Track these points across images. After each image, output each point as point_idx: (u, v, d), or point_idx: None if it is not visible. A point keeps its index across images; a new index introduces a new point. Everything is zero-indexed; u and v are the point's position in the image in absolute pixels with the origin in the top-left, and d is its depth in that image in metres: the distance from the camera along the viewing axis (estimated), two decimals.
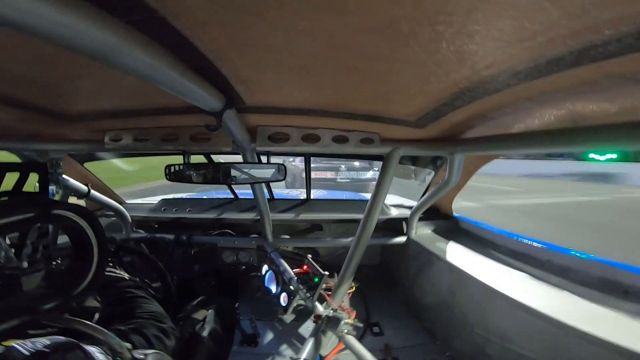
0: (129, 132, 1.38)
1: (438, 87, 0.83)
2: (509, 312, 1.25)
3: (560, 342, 1.04)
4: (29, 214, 0.97)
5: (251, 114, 1.13)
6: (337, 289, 1.69)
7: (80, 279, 1.21)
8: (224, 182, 1.52)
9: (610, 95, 0.71)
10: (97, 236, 1.23)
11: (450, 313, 1.67)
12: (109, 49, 0.44)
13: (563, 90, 0.74)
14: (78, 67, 0.73)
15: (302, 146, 1.34)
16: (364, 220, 1.59)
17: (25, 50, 0.62)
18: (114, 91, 0.94)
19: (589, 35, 0.50)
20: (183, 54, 0.61)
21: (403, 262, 2.36)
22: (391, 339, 1.93)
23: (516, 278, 1.43)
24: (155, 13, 0.48)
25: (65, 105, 1.08)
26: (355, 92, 0.92)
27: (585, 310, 1.11)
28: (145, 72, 0.54)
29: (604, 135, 0.80)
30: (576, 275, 1.39)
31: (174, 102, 1.03)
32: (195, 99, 0.75)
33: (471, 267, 1.55)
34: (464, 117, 1.10)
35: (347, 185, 8.66)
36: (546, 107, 0.86)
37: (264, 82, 0.85)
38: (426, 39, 0.56)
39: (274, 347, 1.86)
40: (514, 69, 0.66)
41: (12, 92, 0.89)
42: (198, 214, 2.45)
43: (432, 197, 1.93)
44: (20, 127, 1.30)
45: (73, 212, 1.14)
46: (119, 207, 2.22)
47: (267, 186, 2.64)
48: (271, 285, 2.13)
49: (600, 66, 0.58)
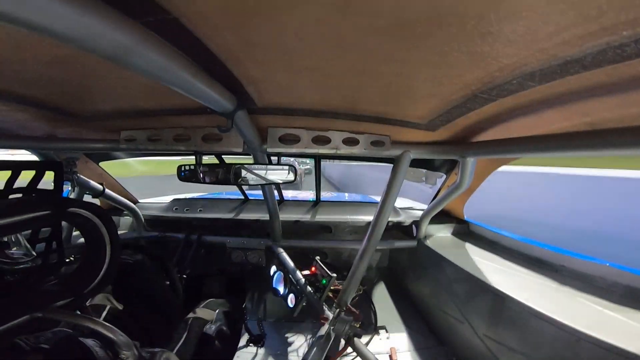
0: (142, 132, 1.41)
1: (450, 89, 0.82)
2: (520, 318, 1.23)
3: (572, 349, 1.01)
4: (44, 211, 1.00)
5: (262, 115, 1.14)
6: (345, 291, 1.68)
7: (92, 276, 1.23)
8: (235, 183, 1.53)
9: (627, 98, 0.68)
10: (110, 234, 1.25)
11: (459, 317, 1.65)
12: (123, 50, 0.45)
13: (579, 92, 0.72)
14: (94, 68, 0.74)
15: (313, 148, 1.33)
16: (373, 222, 1.58)
17: (43, 51, 0.63)
18: (128, 92, 0.96)
19: (606, 37, 0.49)
20: (195, 55, 0.62)
21: (412, 265, 2.34)
22: (398, 342, 1.92)
23: (529, 284, 1.40)
24: (169, 14, 0.48)
25: (82, 105, 1.10)
26: (366, 94, 0.92)
27: (598, 317, 1.08)
28: (159, 73, 0.55)
29: (622, 139, 0.78)
30: (591, 281, 1.35)
31: (186, 103, 1.04)
32: (207, 100, 0.76)
33: (482, 272, 1.53)
34: (476, 120, 1.08)
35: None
36: (561, 110, 0.84)
37: (275, 84, 0.85)
38: (438, 41, 0.55)
39: (280, 348, 1.86)
40: (528, 71, 0.65)
41: (30, 92, 0.91)
42: (208, 214, 2.48)
43: (443, 200, 1.91)
44: (38, 127, 1.33)
45: (88, 211, 1.16)
46: (132, 206, 2.26)
47: (277, 187, 2.65)
48: (279, 286, 2.13)
49: (617, 68, 0.56)
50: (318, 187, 2.60)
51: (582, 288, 1.31)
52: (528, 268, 1.56)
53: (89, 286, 1.22)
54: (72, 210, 1.12)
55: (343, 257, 2.73)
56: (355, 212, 2.53)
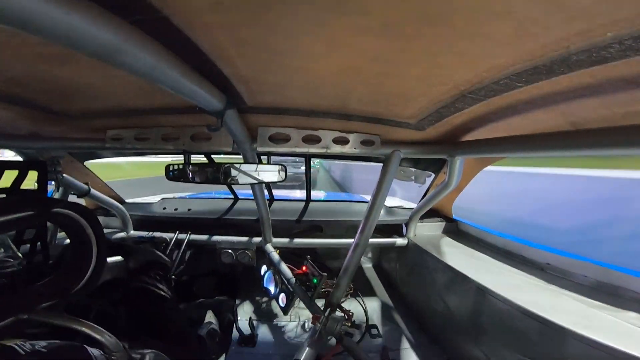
0: (130, 131, 1.38)
1: (439, 89, 0.83)
2: (507, 315, 1.25)
3: (558, 345, 1.04)
4: (28, 212, 0.97)
5: (252, 115, 1.14)
6: (336, 290, 1.69)
7: (78, 277, 1.21)
8: (224, 183, 1.52)
9: (611, 99, 0.71)
10: (97, 235, 1.23)
11: (449, 315, 1.67)
12: (111, 49, 0.44)
13: (564, 93, 0.74)
14: (80, 66, 0.73)
15: (303, 147, 1.33)
16: (363, 221, 1.59)
17: (27, 49, 0.62)
18: (116, 90, 0.94)
19: (591, 38, 0.50)
20: (185, 54, 0.61)
21: (402, 263, 2.36)
22: (389, 340, 1.93)
23: (515, 281, 1.43)
24: (158, 13, 0.48)
25: (67, 104, 1.08)
26: (356, 93, 0.92)
27: (582, 313, 1.11)
28: (147, 71, 0.54)
29: (604, 139, 0.80)
30: (575, 278, 1.39)
31: (175, 102, 1.03)
32: (196, 99, 0.75)
33: (470, 270, 1.55)
34: (465, 120, 1.10)
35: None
36: (547, 110, 0.86)
37: (265, 83, 0.85)
38: (428, 41, 0.56)
39: (272, 348, 1.86)
40: (516, 71, 0.66)
41: (13, 90, 0.89)
42: (198, 214, 2.45)
43: (432, 199, 1.93)
44: (21, 125, 1.30)
45: (72, 211, 1.14)
46: (119, 206, 2.22)
47: (267, 187, 2.64)
48: (270, 286, 2.12)
49: (601, 69, 0.58)
50: (308, 186, 2.60)
51: (567, 285, 1.34)
52: (515, 266, 1.60)
53: (75, 287, 1.19)
54: (57, 210, 1.10)
55: (334, 257, 2.74)
56: (345, 211, 2.54)
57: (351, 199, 3.18)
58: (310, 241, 2.32)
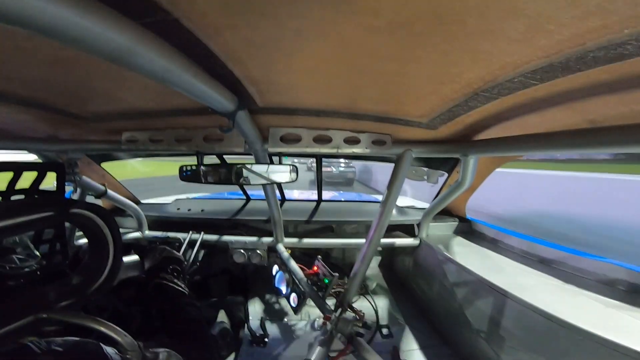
0: (144, 133, 1.41)
1: (451, 87, 0.81)
2: (522, 316, 1.22)
3: (575, 347, 1.01)
4: (48, 213, 1.00)
5: (263, 115, 1.14)
6: (347, 290, 1.68)
7: (96, 276, 1.23)
8: (236, 183, 1.53)
9: (629, 96, 0.68)
10: (113, 235, 1.25)
11: (461, 316, 1.64)
12: (124, 51, 0.45)
13: (581, 90, 0.71)
14: (94, 69, 0.74)
15: (314, 147, 1.33)
16: (375, 222, 1.58)
17: (44, 53, 0.63)
18: (130, 93, 0.96)
19: (608, 35, 0.48)
20: (196, 55, 0.62)
21: (414, 264, 2.34)
22: (400, 341, 1.91)
23: (531, 281, 1.40)
24: (169, 15, 0.48)
25: (83, 107, 1.11)
26: (367, 93, 0.91)
27: (602, 315, 1.08)
28: (160, 73, 0.55)
29: (624, 137, 0.78)
30: (595, 278, 1.35)
31: (187, 103, 1.04)
32: (208, 100, 0.76)
33: (484, 271, 1.52)
34: (478, 118, 1.08)
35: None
36: (563, 108, 0.84)
37: (276, 83, 0.85)
38: (439, 39, 0.55)
39: (283, 348, 1.86)
40: (530, 69, 0.64)
41: (31, 93, 0.92)
42: (210, 215, 2.48)
43: (445, 199, 1.90)
44: (40, 128, 1.34)
45: (90, 211, 1.16)
46: (135, 207, 2.27)
47: (279, 187, 2.65)
48: (281, 286, 2.13)
49: (619, 66, 0.56)
50: (320, 187, 2.60)
51: (586, 286, 1.31)
52: (531, 266, 1.56)
53: (93, 287, 1.22)
54: (75, 210, 1.13)
55: (345, 257, 2.73)
56: (357, 211, 2.53)
57: (362, 199, 3.17)
58: (322, 241, 2.32)
